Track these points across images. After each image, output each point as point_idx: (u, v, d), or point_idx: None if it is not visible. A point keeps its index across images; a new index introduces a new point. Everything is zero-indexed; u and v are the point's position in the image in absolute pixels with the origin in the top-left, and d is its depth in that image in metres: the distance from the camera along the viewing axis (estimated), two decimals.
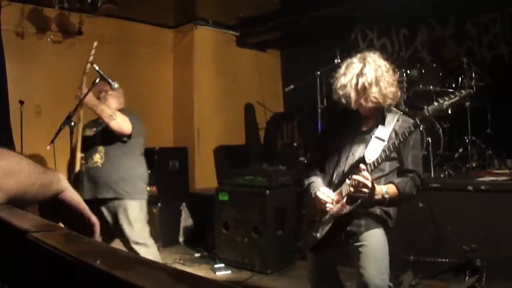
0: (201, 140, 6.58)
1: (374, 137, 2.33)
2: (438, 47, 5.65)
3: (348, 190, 2.29)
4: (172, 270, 0.51)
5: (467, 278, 3.64)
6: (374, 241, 2.31)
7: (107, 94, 3.46)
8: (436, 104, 2.16)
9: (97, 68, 3.24)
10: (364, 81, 2.24)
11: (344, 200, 2.32)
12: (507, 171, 4.38)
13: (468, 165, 4.60)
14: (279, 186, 4.75)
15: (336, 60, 5.05)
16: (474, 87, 4.77)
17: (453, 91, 2.18)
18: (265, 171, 4.85)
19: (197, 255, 5.17)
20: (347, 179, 2.33)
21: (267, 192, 4.55)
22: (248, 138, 7.30)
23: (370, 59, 2.31)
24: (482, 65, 5.11)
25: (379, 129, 2.35)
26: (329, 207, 2.37)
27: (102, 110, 3.24)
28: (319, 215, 2.45)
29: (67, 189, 0.99)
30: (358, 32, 6.64)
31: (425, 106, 2.21)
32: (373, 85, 2.25)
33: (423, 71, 4.91)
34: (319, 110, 5.56)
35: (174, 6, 6.24)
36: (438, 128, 4.69)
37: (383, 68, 2.30)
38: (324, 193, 2.39)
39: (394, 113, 2.41)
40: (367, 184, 2.16)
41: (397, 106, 2.52)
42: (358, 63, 2.32)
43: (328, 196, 2.38)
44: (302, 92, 5.96)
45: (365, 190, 2.18)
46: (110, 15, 5.75)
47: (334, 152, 2.50)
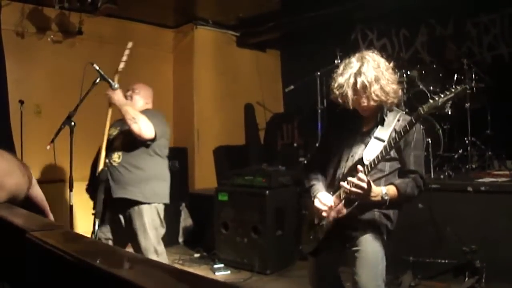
0: (201, 140, 6.58)
1: (373, 137, 2.29)
2: (438, 48, 5.66)
3: (345, 193, 2.26)
4: (173, 269, 0.51)
5: (466, 279, 3.64)
6: (369, 246, 2.27)
7: (133, 93, 3.42)
8: (431, 102, 2.13)
9: (97, 68, 3.24)
10: (363, 80, 2.20)
11: (342, 203, 2.29)
12: (507, 172, 4.38)
13: (468, 166, 4.61)
14: (278, 187, 4.75)
15: (336, 61, 5.06)
16: (474, 88, 4.78)
17: (448, 88, 2.16)
18: (265, 172, 4.85)
19: (196, 255, 5.17)
20: (346, 181, 2.28)
21: (267, 192, 4.55)
22: (248, 138, 7.30)
23: (369, 58, 2.27)
24: (482, 66, 5.11)
25: (378, 129, 2.31)
26: (325, 214, 2.34)
27: (126, 111, 3.17)
28: (318, 218, 2.43)
29: (35, 185, 1.03)
30: (358, 32, 6.64)
31: (421, 105, 2.18)
32: (374, 83, 2.21)
33: (423, 72, 4.92)
34: (319, 111, 5.56)
35: (174, 6, 6.24)
36: (438, 129, 4.69)
37: (383, 66, 2.27)
38: (321, 200, 2.36)
39: (396, 112, 2.37)
40: (362, 186, 2.13)
41: (397, 106, 2.47)
42: (356, 62, 2.27)
43: (325, 203, 2.34)
44: (302, 92, 5.96)
45: (360, 192, 2.15)
46: (110, 15, 5.75)
47: (335, 154, 2.46)
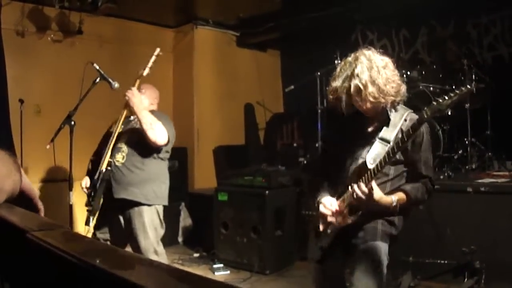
0: (201, 140, 6.57)
1: (377, 139, 2.19)
2: (439, 49, 5.66)
3: (349, 200, 2.19)
4: (173, 270, 0.51)
5: (466, 279, 3.64)
6: (369, 256, 2.19)
7: (140, 92, 3.40)
8: (435, 104, 1.97)
9: (97, 67, 3.24)
10: (357, 83, 2.10)
11: (346, 211, 2.22)
12: (506, 173, 4.38)
13: (467, 167, 4.61)
14: (278, 187, 4.75)
15: (336, 61, 5.06)
16: (474, 89, 4.77)
17: (452, 89, 2.09)
18: (265, 172, 4.85)
19: (196, 255, 5.17)
20: (349, 187, 2.21)
21: (267, 192, 4.55)
22: (248, 138, 7.29)
23: (363, 58, 2.15)
24: (483, 67, 5.12)
25: (383, 130, 2.20)
26: (330, 220, 2.28)
27: (144, 116, 3.18)
28: (323, 225, 2.37)
29: (23, 176, 1.06)
30: (358, 33, 6.64)
31: (424, 108, 2.04)
32: (369, 85, 2.10)
33: (424, 72, 4.91)
34: (319, 111, 5.56)
35: (174, 6, 6.23)
36: (438, 129, 4.69)
37: (379, 64, 2.14)
38: (326, 204, 2.29)
39: (403, 111, 2.25)
40: (362, 196, 2.08)
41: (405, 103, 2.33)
42: (350, 64, 2.18)
43: (329, 208, 2.28)
44: (302, 92, 5.96)
45: (363, 199, 2.09)
46: (110, 14, 5.75)
47: (338, 156, 2.38)
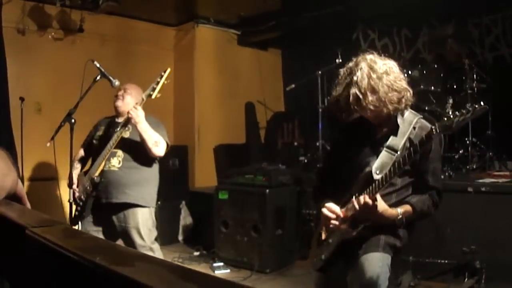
0: (202, 139, 6.58)
1: (385, 147, 2.10)
2: (440, 48, 5.65)
3: (352, 211, 2.12)
4: (173, 266, 0.51)
5: (466, 279, 3.63)
6: (368, 267, 2.09)
7: (125, 93, 3.40)
8: (445, 120, 1.87)
9: (98, 65, 3.24)
10: (356, 91, 2.02)
11: (349, 222, 2.17)
12: (507, 173, 4.38)
13: (468, 167, 4.60)
14: (279, 185, 4.75)
15: (337, 60, 5.06)
16: (476, 88, 4.78)
17: (466, 107, 1.88)
18: (265, 170, 4.85)
19: (196, 253, 5.17)
20: (354, 196, 2.14)
21: (267, 191, 4.54)
22: (249, 137, 7.30)
23: (363, 64, 2.05)
24: (484, 67, 5.11)
25: (391, 138, 2.10)
26: (333, 223, 2.21)
27: (149, 136, 3.19)
28: (326, 234, 2.32)
29: (18, 181, 1.09)
30: (359, 32, 6.63)
31: (435, 124, 1.92)
32: (369, 94, 2.01)
33: (425, 72, 4.90)
34: (320, 110, 5.55)
35: (175, 4, 6.23)
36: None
37: (381, 70, 2.04)
38: (330, 208, 2.22)
39: (412, 117, 2.15)
40: (366, 209, 2.03)
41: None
42: (350, 72, 2.08)
43: (333, 211, 2.21)
44: (303, 91, 5.95)
45: (367, 213, 2.05)
46: (111, 12, 5.76)
47: (344, 163, 2.30)
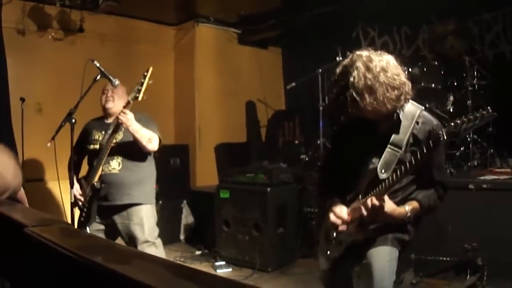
0: (202, 138, 6.58)
1: (388, 145, 2.07)
2: (440, 46, 5.64)
3: (360, 212, 2.10)
4: (171, 264, 0.51)
5: (468, 277, 3.63)
6: (377, 261, 2.10)
7: (113, 94, 3.40)
8: (452, 125, 1.83)
9: (98, 65, 3.23)
10: (352, 93, 1.95)
11: (356, 223, 2.16)
12: (508, 169, 4.37)
13: (469, 164, 4.60)
14: (280, 184, 4.75)
15: (337, 58, 5.06)
16: (476, 86, 4.78)
17: (474, 113, 1.84)
18: (266, 169, 4.85)
19: (198, 252, 5.17)
20: (360, 195, 2.15)
21: (268, 189, 4.55)
22: (249, 136, 7.30)
23: (359, 64, 1.98)
24: (484, 64, 5.10)
25: (394, 135, 2.07)
26: (341, 229, 2.21)
27: (143, 135, 3.21)
28: (336, 233, 2.31)
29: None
30: (359, 29, 6.62)
31: (442, 128, 1.88)
32: (366, 95, 1.95)
33: (425, 69, 4.90)
34: (321, 108, 5.54)
35: (175, 4, 6.23)
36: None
37: (378, 68, 1.97)
38: (336, 213, 2.20)
39: (414, 110, 2.10)
40: (375, 211, 2.02)
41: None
42: (346, 71, 2.02)
43: (340, 217, 2.19)
44: (303, 89, 5.95)
45: (376, 214, 2.04)
46: (111, 12, 5.75)
47: (349, 158, 2.27)
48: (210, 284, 0.46)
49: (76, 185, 3.33)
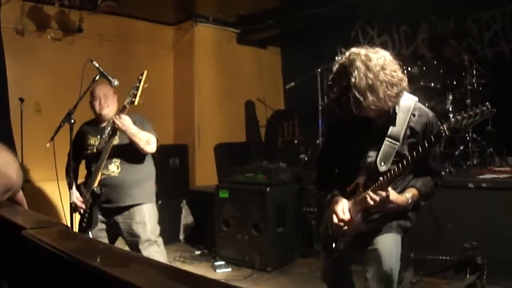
0: (202, 137, 6.58)
1: (386, 138, 2.13)
2: (439, 44, 5.64)
3: (363, 204, 2.15)
4: (166, 268, 0.50)
5: (468, 276, 3.63)
6: (385, 246, 2.18)
7: (108, 99, 3.35)
8: (453, 122, 1.88)
9: (97, 65, 3.23)
10: (355, 93, 1.97)
11: (360, 215, 2.21)
12: (508, 168, 4.37)
13: (469, 163, 4.60)
14: (279, 184, 4.74)
15: (336, 57, 5.04)
16: (475, 84, 4.78)
17: (474, 109, 1.89)
18: (266, 168, 4.85)
19: (197, 252, 5.17)
20: (361, 188, 2.20)
21: (268, 189, 4.54)
22: (249, 136, 7.30)
23: (359, 63, 1.98)
24: (483, 62, 5.10)
25: (391, 128, 2.13)
26: (345, 228, 2.25)
27: (140, 138, 3.19)
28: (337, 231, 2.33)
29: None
30: (358, 29, 6.62)
31: (443, 125, 1.93)
32: (368, 94, 1.97)
33: (424, 68, 4.90)
34: (320, 107, 5.55)
35: (174, 3, 6.23)
36: (438, 125, 4.68)
37: (377, 66, 1.98)
38: (339, 214, 2.23)
39: (409, 102, 2.15)
40: (380, 201, 2.07)
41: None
42: (345, 71, 2.02)
43: (342, 218, 2.22)
44: (302, 89, 5.95)
45: (381, 204, 2.08)
46: (110, 12, 5.75)
47: (345, 151, 2.31)
48: (203, 287, 0.46)
49: (76, 193, 3.31)
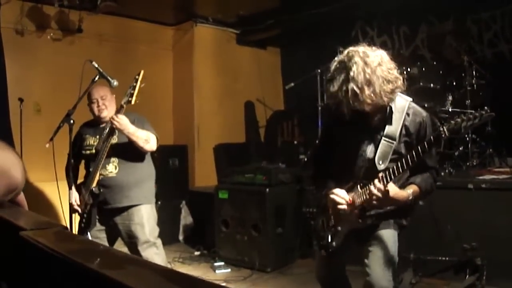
0: (201, 138, 6.57)
1: (383, 137, 2.20)
2: (439, 45, 5.64)
3: (362, 199, 2.21)
4: (163, 270, 0.50)
5: (467, 276, 3.63)
6: (384, 242, 2.24)
7: (105, 100, 3.33)
8: (453, 123, 1.95)
9: (96, 65, 3.22)
10: (353, 86, 2.04)
11: (358, 209, 2.24)
12: (507, 169, 4.37)
13: (468, 163, 4.60)
14: (279, 184, 4.74)
15: (336, 58, 5.05)
16: (475, 85, 4.78)
17: (474, 112, 1.94)
18: (265, 169, 4.85)
19: (196, 253, 5.17)
20: (358, 185, 2.24)
21: (267, 190, 4.54)
22: (248, 136, 7.30)
23: (357, 59, 2.08)
24: (483, 63, 5.10)
25: (387, 127, 2.21)
26: (342, 208, 2.27)
27: (139, 137, 3.17)
28: (335, 219, 2.37)
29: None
30: (358, 29, 6.63)
31: (443, 125, 1.99)
32: (365, 88, 2.05)
33: (424, 69, 4.90)
34: (319, 108, 5.55)
35: (173, 4, 6.23)
36: (438, 126, 4.68)
37: (374, 62, 2.08)
38: (338, 193, 2.28)
39: (403, 102, 2.23)
40: (380, 196, 2.10)
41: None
42: (344, 67, 2.11)
43: (342, 197, 2.26)
44: (302, 89, 5.94)
45: (381, 198, 2.11)
46: (109, 12, 5.75)
47: (342, 148, 2.38)
48: None
49: (75, 194, 3.30)
